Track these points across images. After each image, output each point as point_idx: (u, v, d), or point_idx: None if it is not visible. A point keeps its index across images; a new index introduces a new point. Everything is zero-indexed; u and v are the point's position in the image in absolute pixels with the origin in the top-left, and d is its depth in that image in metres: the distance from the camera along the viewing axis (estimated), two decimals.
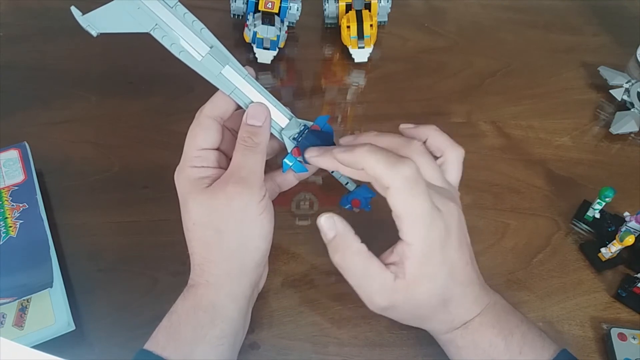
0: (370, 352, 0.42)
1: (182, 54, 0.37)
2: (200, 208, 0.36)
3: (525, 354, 0.36)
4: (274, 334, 0.43)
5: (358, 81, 0.62)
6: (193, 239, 0.38)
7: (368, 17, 0.60)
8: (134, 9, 0.36)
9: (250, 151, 0.37)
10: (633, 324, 0.45)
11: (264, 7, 0.59)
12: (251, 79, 0.39)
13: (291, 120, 0.40)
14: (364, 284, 0.37)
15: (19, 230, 0.43)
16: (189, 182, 0.37)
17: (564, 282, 0.47)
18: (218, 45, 0.38)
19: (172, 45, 0.37)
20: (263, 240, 0.38)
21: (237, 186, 0.36)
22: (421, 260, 0.35)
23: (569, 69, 0.65)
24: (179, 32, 0.37)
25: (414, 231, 0.34)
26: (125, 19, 0.36)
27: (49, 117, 0.55)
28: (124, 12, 0.36)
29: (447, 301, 0.36)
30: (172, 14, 0.37)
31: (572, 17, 0.72)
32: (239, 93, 0.39)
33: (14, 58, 0.59)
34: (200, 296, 0.37)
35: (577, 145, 0.57)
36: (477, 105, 0.60)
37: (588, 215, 0.50)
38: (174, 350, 0.34)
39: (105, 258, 0.45)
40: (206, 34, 0.38)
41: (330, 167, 0.38)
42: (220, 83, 0.38)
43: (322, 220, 0.38)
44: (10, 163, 0.47)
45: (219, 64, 0.38)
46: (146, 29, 0.36)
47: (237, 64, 0.39)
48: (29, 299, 0.41)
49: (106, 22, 0.35)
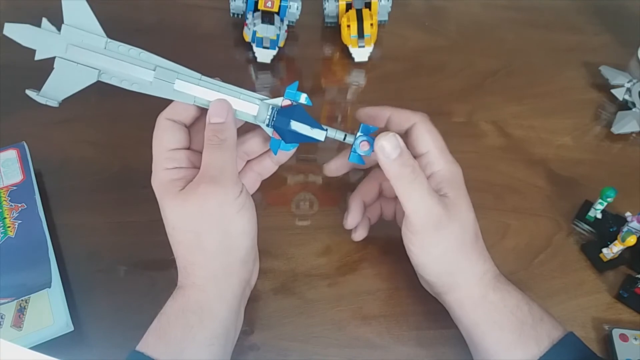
0: (371, 353, 0.42)
1: (134, 85, 0.38)
2: (176, 212, 0.36)
3: (545, 322, 0.37)
4: (274, 335, 0.42)
5: (358, 80, 0.62)
6: (174, 242, 0.37)
7: (368, 16, 0.60)
8: (74, 69, 0.37)
9: (217, 149, 0.37)
10: (635, 325, 0.44)
11: (264, 5, 0.59)
12: (206, 81, 0.39)
13: (260, 105, 0.40)
14: (420, 202, 0.37)
15: (17, 230, 0.42)
16: (163, 187, 0.37)
17: (565, 283, 0.47)
18: (161, 63, 0.38)
19: (123, 82, 0.38)
20: (245, 237, 0.37)
21: (208, 186, 0.35)
22: (459, 184, 0.40)
23: (570, 69, 0.64)
24: (120, 69, 0.38)
25: (444, 159, 0.40)
26: (72, 80, 0.37)
27: (48, 117, 0.54)
28: (67, 75, 0.37)
29: (479, 238, 0.40)
30: (107, 55, 0.37)
31: (573, 17, 0.71)
32: (200, 99, 0.39)
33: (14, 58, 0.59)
34: (188, 297, 0.36)
35: (579, 145, 0.57)
36: (477, 104, 0.60)
37: (589, 216, 0.50)
38: (164, 351, 0.34)
39: (104, 258, 0.45)
40: (146, 57, 0.38)
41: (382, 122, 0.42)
42: (180, 97, 0.38)
43: (384, 140, 0.37)
44: (9, 163, 0.47)
45: (169, 82, 0.38)
46: (93, 79, 0.37)
47: (187, 71, 0.39)
48: (28, 300, 0.41)
49: (59, 91, 0.37)
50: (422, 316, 0.44)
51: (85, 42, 0.37)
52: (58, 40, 0.37)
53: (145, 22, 0.65)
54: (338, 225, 0.49)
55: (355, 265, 0.47)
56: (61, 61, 0.37)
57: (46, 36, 0.37)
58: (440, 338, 0.43)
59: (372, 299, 0.45)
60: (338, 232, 0.48)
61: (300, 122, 0.39)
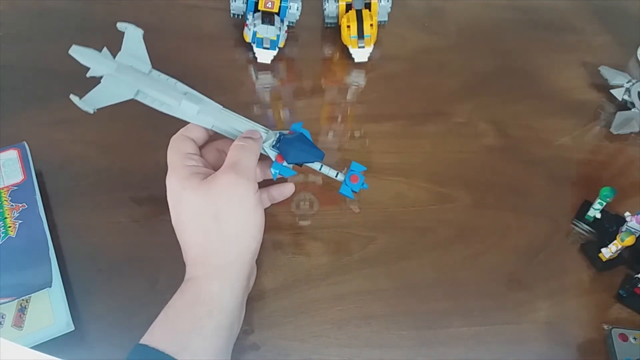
0: (370, 352, 0.42)
1: (164, 106, 0.43)
2: (200, 198, 0.38)
3: None
4: (274, 335, 0.43)
5: (358, 81, 0.62)
6: (190, 231, 0.39)
7: (368, 17, 0.60)
8: (118, 84, 0.43)
9: (246, 149, 0.41)
10: (634, 325, 0.45)
11: (264, 6, 0.59)
12: (226, 111, 0.44)
13: (268, 132, 0.44)
14: None
15: (18, 230, 0.42)
16: (183, 178, 0.39)
17: (564, 283, 0.47)
18: (191, 92, 0.44)
19: (154, 102, 0.43)
20: (258, 231, 0.40)
21: (235, 176, 0.39)
22: None
23: (570, 69, 0.65)
24: (156, 92, 0.43)
25: None
26: (113, 93, 0.42)
27: (49, 117, 0.55)
28: (110, 88, 0.43)
29: None
30: (147, 78, 0.43)
31: (573, 17, 0.71)
32: (218, 125, 0.43)
33: (13, 58, 0.59)
34: (199, 288, 0.37)
35: (578, 145, 0.57)
36: (477, 105, 0.60)
37: (589, 215, 0.50)
38: (170, 342, 0.34)
39: (105, 258, 0.45)
40: (180, 86, 0.44)
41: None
42: (200, 121, 0.43)
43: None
44: (10, 163, 0.47)
45: (195, 105, 0.43)
46: (131, 96, 0.42)
47: (211, 102, 0.44)
48: (28, 299, 0.41)
49: (98, 100, 0.42)
50: (422, 316, 0.44)
51: (134, 66, 0.43)
52: (111, 63, 0.43)
53: (146, 23, 0.64)
54: (338, 225, 0.49)
55: (355, 265, 0.47)
56: (109, 77, 0.43)
57: (103, 59, 0.43)
58: (440, 338, 0.43)
59: (372, 299, 0.45)
60: (338, 232, 0.49)
61: (302, 143, 0.43)
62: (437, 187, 0.53)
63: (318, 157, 0.44)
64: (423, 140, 0.56)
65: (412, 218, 0.50)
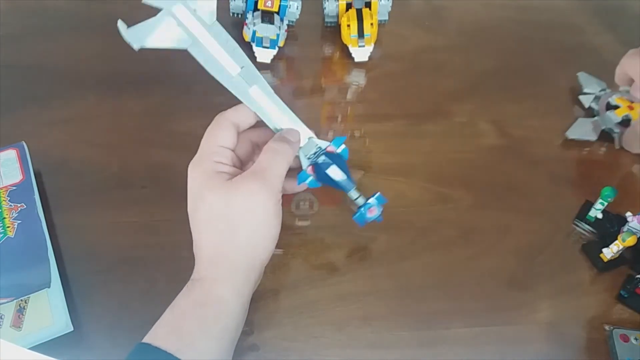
0: (371, 353, 0.42)
1: (216, 71, 0.39)
2: (220, 200, 0.37)
3: None
4: (274, 336, 0.42)
5: (358, 80, 0.62)
6: (206, 232, 0.38)
7: (368, 16, 0.60)
8: (173, 25, 0.37)
9: (278, 156, 0.40)
10: (635, 325, 0.44)
11: (264, 5, 0.59)
12: (278, 100, 0.41)
13: (309, 140, 0.43)
14: None
15: (16, 230, 0.42)
16: (207, 175, 0.38)
17: (565, 283, 0.47)
18: (249, 66, 0.40)
19: (207, 63, 0.39)
20: (272, 242, 0.39)
21: (260, 184, 0.38)
22: None
23: (570, 69, 0.64)
24: (213, 51, 0.38)
25: None
26: (165, 35, 0.37)
27: (48, 116, 0.54)
28: (163, 28, 0.37)
29: None
30: (208, 32, 0.38)
31: (573, 17, 0.71)
32: (264, 111, 0.41)
33: (13, 58, 0.59)
34: (207, 290, 0.37)
35: (579, 145, 0.57)
36: (477, 104, 0.60)
37: (590, 216, 0.50)
38: (175, 343, 0.34)
39: (104, 258, 0.45)
40: (239, 53, 0.40)
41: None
42: (248, 101, 0.40)
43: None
44: (8, 163, 0.47)
45: (247, 84, 0.40)
46: (184, 45, 0.38)
47: (265, 83, 0.41)
48: (27, 300, 0.40)
49: (147, 37, 0.37)
50: (422, 316, 0.44)
51: (197, 12, 0.38)
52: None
53: None
54: (338, 225, 0.49)
55: (355, 265, 0.47)
56: (166, 13, 0.37)
57: None
58: (440, 338, 0.43)
59: (373, 299, 0.45)
60: (338, 232, 0.48)
61: (339, 169, 0.43)
62: (438, 187, 0.52)
63: (349, 187, 0.44)
64: (423, 140, 0.56)
65: (412, 218, 0.50)
